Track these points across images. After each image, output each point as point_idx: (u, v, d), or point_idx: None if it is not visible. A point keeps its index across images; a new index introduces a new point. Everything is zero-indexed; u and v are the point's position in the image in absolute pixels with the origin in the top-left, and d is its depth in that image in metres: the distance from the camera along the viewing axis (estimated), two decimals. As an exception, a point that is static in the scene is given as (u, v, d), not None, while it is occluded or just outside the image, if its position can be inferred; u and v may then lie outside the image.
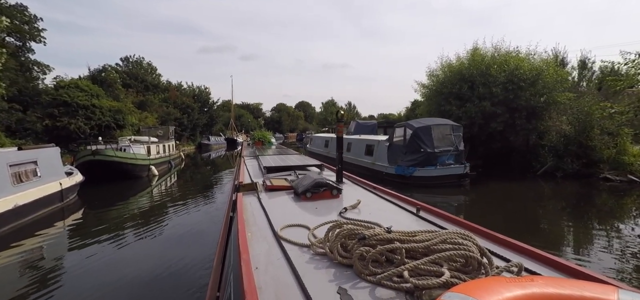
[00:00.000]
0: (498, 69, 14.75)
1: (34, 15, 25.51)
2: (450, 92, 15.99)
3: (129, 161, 14.70)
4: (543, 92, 14.06)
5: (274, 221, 2.57)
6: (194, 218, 9.24)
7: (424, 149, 11.88)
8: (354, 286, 1.54)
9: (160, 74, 48.45)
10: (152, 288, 5.06)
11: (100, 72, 34.51)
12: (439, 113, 16.43)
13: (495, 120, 14.63)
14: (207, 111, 51.21)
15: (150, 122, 33.11)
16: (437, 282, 1.39)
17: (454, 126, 12.56)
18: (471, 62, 16.17)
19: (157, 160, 17.90)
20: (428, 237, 1.67)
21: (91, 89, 24.90)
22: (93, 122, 23.59)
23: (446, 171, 11.82)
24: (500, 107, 14.50)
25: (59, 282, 5.25)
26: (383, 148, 14.04)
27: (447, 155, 11.96)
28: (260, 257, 1.90)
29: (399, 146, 13.01)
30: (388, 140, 13.82)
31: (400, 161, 12.57)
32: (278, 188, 3.92)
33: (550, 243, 6.94)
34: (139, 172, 15.56)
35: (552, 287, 1.10)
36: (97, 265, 5.89)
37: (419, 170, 11.88)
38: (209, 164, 27.24)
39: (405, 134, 12.71)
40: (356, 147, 17.01)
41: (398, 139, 13.39)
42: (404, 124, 12.98)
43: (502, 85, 14.43)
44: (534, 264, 1.79)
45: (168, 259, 6.00)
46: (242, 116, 74.66)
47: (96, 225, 8.59)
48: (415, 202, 3.10)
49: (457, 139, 12.39)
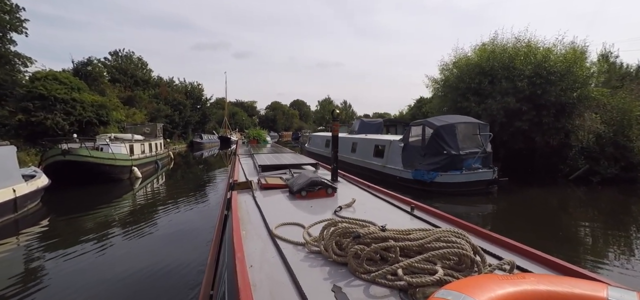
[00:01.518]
0: (523, 60, 13.23)
1: (15, 5, 23.64)
2: (468, 87, 14.44)
3: (106, 162, 12.87)
4: (574, 87, 12.55)
5: (268, 219, 2.54)
6: (179, 227, 7.85)
7: (447, 150, 10.29)
8: (348, 284, 1.54)
9: (151, 69, 46.51)
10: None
11: (85, 65, 32.34)
12: (455, 110, 14.87)
13: (520, 118, 13.12)
14: (200, 108, 49.46)
15: (138, 118, 31.26)
16: (431, 279, 1.39)
17: (480, 124, 10.99)
18: (491, 54, 14.63)
19: (141, 160, 16.06)
20: (422, 236, 1.67)
21: (71, 81, 22.85)
22: (73, 118, 21.57)
23: (473, 176, 10.25)
24: (525, 103, 12.99)
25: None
26: (396, 149, 12.43)
27: (473, 158, 10.38)
28: (255, 255, 1.89)
29: (417, 147, 11.41)
30: (403, 141, 12.22)
31: (419, 164, 10.97)
32: (273, 186, 3.89)
33: (604, 267, 5.47)
34: (118, 174, 13.73)
35: (544, 284, 1.12)
36: (55, 284, 4.87)
37: (442, 175, 10.29)
38: (201, 163, 25.79)
39: (424, 134, 11.11)
40: (363, 148, 15.39)
41: (415, 139, 11.79)
42: (422, 121, 11.38)
43: (528, 79, 12.92)
44: (526, 261, 1.81)
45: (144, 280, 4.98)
46: (236, 114, 73.01)
47: (58, 236, 7.20)
48: (410, 200, 3.08)
49: (484, 139, 10.83)
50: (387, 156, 13.00)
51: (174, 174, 18.59)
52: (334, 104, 61.23)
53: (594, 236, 7.31)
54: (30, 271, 5.52)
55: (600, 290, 1.10)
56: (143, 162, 16.49)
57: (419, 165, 10.93)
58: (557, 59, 12.74)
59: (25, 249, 6.55)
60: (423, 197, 10.39)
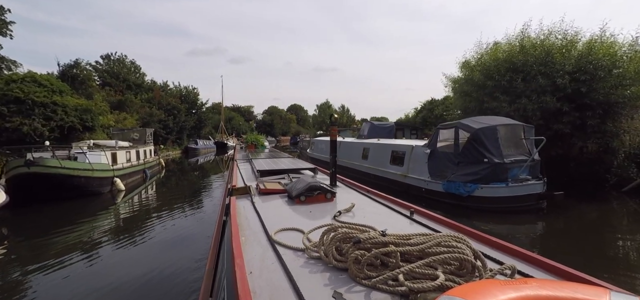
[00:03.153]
0: (563, 54, 11.58)
1: (0, 6, 21.88)
2: (497, 84, 12.73)
3: (81, 173, 10.98)
4: (626, 84, 10.87)
5: (268, 225, 2.51)
6: (161, 249, 6.64)
7: (488, 158, 8.54)
8: (349, 290, 1.53)
9: (144, 73, 44.83)
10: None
11: (72, 68, 30.38)
12: (481, 111, 13.18)
13: (560, 120, 11.42)
14: (195, 113, 47.59)
15: (129, 124, 29.38)
16: (432, 285, 1.38)
17: (525, 127, 9.26)
18: (521, 48, 12.97)
19: (125, 170, 14.16)
20: (423, 240, 1.66)
21: (53, 83, 20.92)
22: (54, 123, 19.64)
23: (521, 190, 8.48)
24: (566, 102, 11.31)
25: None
26: (420, 156, 10.68)
27: (520, 167, 8.64)
28: (255, 262, 1.87)
29: (448, 154, 9.66)
30: (429, 146, 10.46)
31: (451, 174, 9.21)
32: (272, 191, 3.82)
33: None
34: (97, 187, 11.83)
35: (546, 289, 1.11)
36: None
37: (482, 188, 8.53)
38: (196, 169, 24.29)
39: (457, 138, 9.36)
40: (377, 154, 13.62)
41: (445, 145, 10.05)
42: (454, 124, 9.63)
43: (570, 75, 11.24)
44: (527, 266, 1.80)
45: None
46: (232, 119, 71.39)
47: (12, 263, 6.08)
48: (409, 205, 3.04)
49: (530, 145, 9.11)
50: (409, 164, 11.24)
51: (165, 184, 16.76)
52: (333, 108, 59.60)
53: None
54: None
55: (603, 295, 1.08)
56: (128, 171, 14.60)
57: (452, 176, 9.16)
58: (603, 52, 11.04)
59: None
60: (458, 214, 8.63)
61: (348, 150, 16.72)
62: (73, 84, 29.17)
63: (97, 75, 38.22)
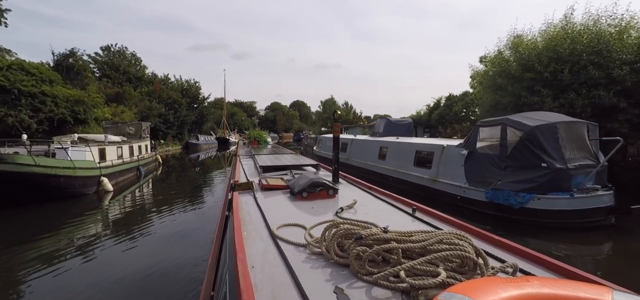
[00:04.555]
0: (622, 41, 9.95)
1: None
2: (538, 76, 11.10)
3: (59, 172, 9.50)
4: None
5: (270, 220, 2.51)
6: (150, 267, 5.41)
7: (548, 162, 6.96)
8: (350, 286, 1.52)
9: (145, 66, 43.46)
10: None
11: (67, 57, 28.88)
12: (517, 107, 11.56)
13: (616, 118, 9.81)
14: (196, 107, 46.15)
15: (127, 117, 27.99)
16: (434, 282, 1.38)
17: (589, 125, 7.66)
18: (565, 34, 11.33)
19: (115, 168, 12.68)
20: (424, 238, 1.65)
21: (42, 72, 19.46)
22: (42, 115, 18.22)
23: (589, 202, 6.88)
24: (623, 97, 9.70)
25: None
26: (453, 158, 9.11)
27: (586, 175, 7.06)
28: (256, 256, 1.87)
29: (491, 156, 8.09)
30: (466, 146, 8.89)
31: (497, 181, 7.65)
32: (274, 187, 3.83)
33: None
34: (80, 188, 10.35)
35: (548, 288, 1.10)
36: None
37: (540, 198, 6.95)
38: (197, 165, 23.32)
39: (504, 137, 7.78)
40: (397, 154, 12.06)
41: (487, 145, 8.47)
42: (501, 120, 8.03)
43: (630, 66, 9.61)
44: (528, 264, 1.78)
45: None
46: (235, 114, 70.06)
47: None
48: (411, 202, 3.03)
49: (595, 147, 7.54)
50: (439, 167, 9.67)
51: (162, 183, 15.32)
52: (337, 104, 58.09)
53: None
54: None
55: (606, 294, 1.07)
56: (119, 169, 13.12)
57: (498, 183, 7.59)
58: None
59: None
60: (506, 228, 7.11)
61: (361, 149, 15.17)
62: (68, 75, 27.77)
63: (97, 67, 36.88)
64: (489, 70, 13.90)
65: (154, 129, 34.33)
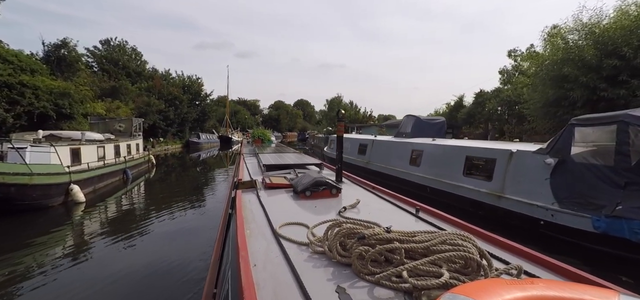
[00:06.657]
0: None
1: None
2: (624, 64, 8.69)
3: (8, 180, 7.25)
4: None
5: (273, 219, 2.47)
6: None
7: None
8: (352, 285, 1.50)
9: (145, 61, 41.63)
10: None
11: (58, 48, 26.75)
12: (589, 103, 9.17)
13: None
14: (198, 104, 44.01)
15: (123, 113, 25.99)
16: (436, 282, 1.35)
17: None
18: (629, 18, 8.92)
19: (92, 172, 10.44)
20: (427, 238, 1.63)
21: (21, 60, 17.29)
22: (20, 109, 16.04)
23: None
24: None
25: None
26: (531, 167, 6.76)
27: None
28: (259, 255, 1.84)
29: (599, 168, 5.71)
30: (551, 151, 6.51)
31: (614, 204, 5.28)
32: (277, 186, 3.79)
33: None
34: (41, 198, 8.14)
35: (553, 290, 1.07)
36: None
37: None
38: (197, 165, 21.86)
39: (623, 141, 5.42)
40: (435, 159, 9.74)
41: (589, 151, 6.12)
42: (619, 115, 5.65)
43: None
44: (533, 267, 1.75)
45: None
46: (238, 112, 68.07)
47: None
48: (415, 202, 2.98)
49: None
50: (504, 178, 7.31)
51: (154, 187, 13.20)
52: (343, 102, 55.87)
53: None
54: None
55: (612, 297, 1.03)
56: (98, 173, 10.90)
57: (618, 208, 5.22)
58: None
59: None
60: (627, 270, 4.77)
61: (385, 152, 12.85)
62: (59, 67, 25.67)
63: (95, 61, 34.95)
64: (546, 58, 11.44)
65: (153, 126, 32.37)
